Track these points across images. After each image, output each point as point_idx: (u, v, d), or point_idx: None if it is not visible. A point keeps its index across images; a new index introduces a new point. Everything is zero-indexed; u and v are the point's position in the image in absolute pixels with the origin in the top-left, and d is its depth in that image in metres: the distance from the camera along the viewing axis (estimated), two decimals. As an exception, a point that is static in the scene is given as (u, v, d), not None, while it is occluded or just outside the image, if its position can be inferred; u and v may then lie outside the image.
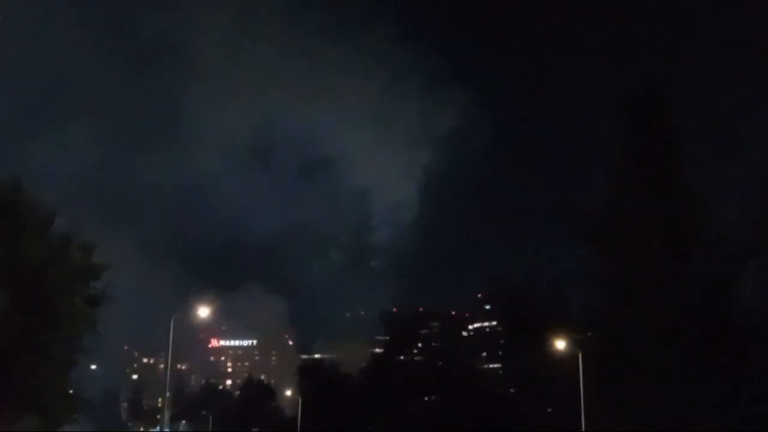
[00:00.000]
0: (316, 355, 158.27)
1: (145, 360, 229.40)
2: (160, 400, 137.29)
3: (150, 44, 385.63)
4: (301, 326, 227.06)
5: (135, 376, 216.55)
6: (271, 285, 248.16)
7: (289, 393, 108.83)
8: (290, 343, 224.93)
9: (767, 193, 44.26)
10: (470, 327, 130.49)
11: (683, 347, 41.08)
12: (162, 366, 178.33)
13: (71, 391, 29.64)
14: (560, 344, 45.27)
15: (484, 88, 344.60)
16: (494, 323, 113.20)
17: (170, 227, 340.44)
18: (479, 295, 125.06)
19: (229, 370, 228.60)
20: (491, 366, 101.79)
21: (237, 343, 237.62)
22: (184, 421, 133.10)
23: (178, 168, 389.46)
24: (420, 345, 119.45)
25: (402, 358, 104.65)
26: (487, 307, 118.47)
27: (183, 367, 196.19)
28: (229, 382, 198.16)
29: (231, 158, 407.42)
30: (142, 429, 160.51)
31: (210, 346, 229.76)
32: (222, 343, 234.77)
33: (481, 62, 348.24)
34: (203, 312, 38.71)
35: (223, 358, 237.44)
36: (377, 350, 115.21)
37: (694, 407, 37.68)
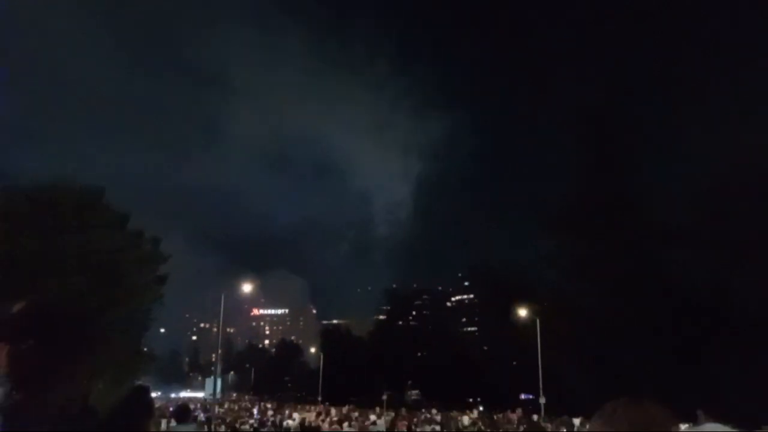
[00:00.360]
0: (334, 321, 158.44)
1: (201, 325, 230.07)
2: (213, 356, 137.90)
3: (197, 71, 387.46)
4: (322, 299, 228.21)
5: (194, 338, 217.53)
6: (299, 267, 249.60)
7: (313, 350, 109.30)
8: (313, 312, 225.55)
9: (707, 187, 43.94)
10: (453, 299, 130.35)
11: (630, 317, 40.94)
12: (215, 330, 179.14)
13: (144, 349, 29.99)
14: (523, 312, 45.37)
15: (466, 107, 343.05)
16: (471, 296, 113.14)
17: (217, 223, 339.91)
18: (460, 274, 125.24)
19: (267, 333, 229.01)
20: (469, 329, 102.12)
21: (272, 312, 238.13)
22: (232, 372, 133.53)
23: (222, 173, 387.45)
24: (414, 313, 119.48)
25: (400, 323, 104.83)
26: (466, 283, 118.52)
27: (231, 331, 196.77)
28: (266, 342, 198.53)
29: (263, 165, 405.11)
30: (199, 378, 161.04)
31: (252, 314, 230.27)
32: (261, 312, 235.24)
33: (463, 87, 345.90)
34: (246, 288, 39.00)
35: (262, 324, 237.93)
36: (381, 317, 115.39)
37: (637, 365, 37.68)
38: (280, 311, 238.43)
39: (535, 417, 35.61)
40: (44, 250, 21.31)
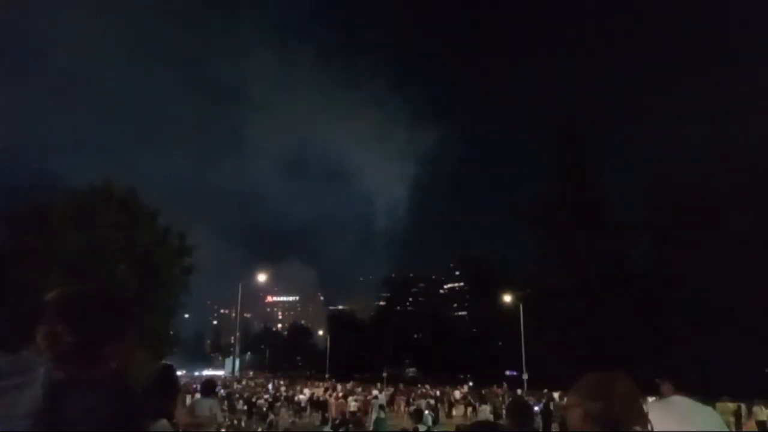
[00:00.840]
0: (340, 307, 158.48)
1: (222, 311, 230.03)
2: (232, 338, 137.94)
3: (220, 86, 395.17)
4: (329, 287, 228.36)
5: (215, 322, 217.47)
6: (309, 258, 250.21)
7: (321, 333, 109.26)
8: (321, 298, 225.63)
9: (651, 188, 44.43)
10: (445, 287, 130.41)
11: (589, 298, 41.19)
12: (233, 315, 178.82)
13: (171, 333, 29.78)
14: (507, 298, 45.33)
15: (454, 120, 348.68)
16: (462, 284, 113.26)
17: (237, 219, 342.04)
18: (451, 264, 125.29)
19: (280, 317, 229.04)
20: (459, 313, 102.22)
21: (285, 298, 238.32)
22: (249, 353, 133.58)
23: (241, 177, 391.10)
24: (411, 299, 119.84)
25: (399, 308, 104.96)
26: (457, 272, 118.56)
27: (248, 316, 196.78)
28: (280, 325, 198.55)
29: (277, 170, 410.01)
30: (220, 358, 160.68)
31: (266, 301, 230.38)
32: (275, 298, 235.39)
33: (451, 103, 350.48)
34: (262, 277, 38.96)
35: (275, 309, 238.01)
36: (381, 303, 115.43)
37: (598, 339, 37.92)
38: (291, 298, 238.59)
39: (519, 391, 35.66)
40: (92, 243, 21.35)
